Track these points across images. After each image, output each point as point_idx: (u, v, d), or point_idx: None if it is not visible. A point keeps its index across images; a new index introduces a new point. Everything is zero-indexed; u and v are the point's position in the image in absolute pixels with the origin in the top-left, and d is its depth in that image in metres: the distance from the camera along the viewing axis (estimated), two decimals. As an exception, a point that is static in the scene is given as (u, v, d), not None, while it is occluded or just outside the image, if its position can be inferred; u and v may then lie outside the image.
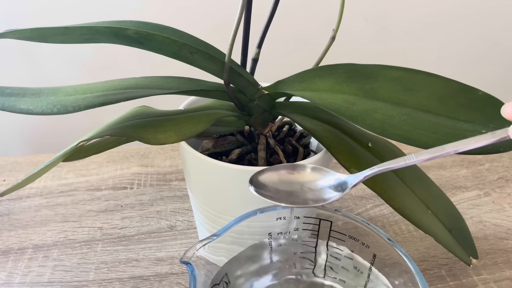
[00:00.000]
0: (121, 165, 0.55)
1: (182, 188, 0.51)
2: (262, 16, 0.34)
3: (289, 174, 0.27)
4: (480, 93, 0.28)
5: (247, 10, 0.33)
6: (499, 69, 0.79)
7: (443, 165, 0.56)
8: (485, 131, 0.27)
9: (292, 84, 0.34)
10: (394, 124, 0.28)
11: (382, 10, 0.70)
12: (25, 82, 0.41)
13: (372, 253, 0.29)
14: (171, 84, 0.34)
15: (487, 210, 0.48)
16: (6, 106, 0.29)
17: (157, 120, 0.31)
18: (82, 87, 0.32)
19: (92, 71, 0.66)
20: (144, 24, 0.33)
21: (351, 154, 0.32)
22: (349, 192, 0.50)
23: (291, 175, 0.27)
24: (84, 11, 0.61)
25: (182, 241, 0.44)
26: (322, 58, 0.36)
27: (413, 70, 0.31)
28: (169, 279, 0.39)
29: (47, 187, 0.51)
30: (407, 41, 0.73)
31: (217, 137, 0.39)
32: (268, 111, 0.36)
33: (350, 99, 0.30)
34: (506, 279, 0.40)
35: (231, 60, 0.31)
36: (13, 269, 0.40)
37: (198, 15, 0.64)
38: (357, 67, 0.32)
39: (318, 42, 0.39)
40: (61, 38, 0.29)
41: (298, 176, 0.27)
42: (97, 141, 0.33)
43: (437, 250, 0.42)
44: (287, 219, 0.31)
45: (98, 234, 0.44)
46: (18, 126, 0.70)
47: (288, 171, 0.27)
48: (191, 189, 0.38)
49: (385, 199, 0.31)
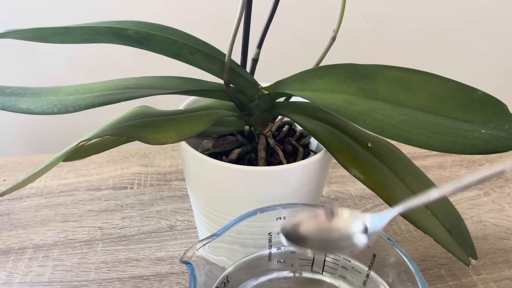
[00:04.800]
0: (121, 165, 0.55)
1: (182, 188, 0.51)
2: (262, 16, 0.34)
3: (327, 223, 0.25)
4: (480, 93, 0.28)
5: (247, 10, 0.34)
6: (499, 69, 0.79)
7: (443, 165, 0.56)
8: (485, 131, 0.27)
9: (292, 84, 0.34)
10: (393, 124, 0.28)
11: (382, 10, 0.70)
12: (25, 81, 0.41)
13: (371, 252, 0.29)
14: (171, 84, 0.34)
15: (486, 210, 0.48)
16: (6, 105, 0.29)
17: (157, 120, 0.31)
18: (82, 87, 0.32)
19: (92, 71, 0.66)
20: (144, 24, 0.33)
21: (350, 154, 0.32)
22: (349, 192, 0.50)
23: (329, 223, 0.25)
24: (84, 11, 0.61)
25: (182, 241, 0.44)
26: (322, 58, 0.36)
27: (413, 70, 0.31)
28: (169, 278, 0.39)
29: (47, 187, 0.51)
30: (407, 41, 0.73)
31: (217, 137, 0.39)
32: (268, 111, 0.36)
33: (349, 99, 0.30)
34: (505, 279, 0.40)
35: (231, 60, 0.31)
36: (13, 269, 0.40)
37: (198, 15, 0.64)
38: (357, 67, 0.32)
39: (318, 42, 0.39)
40: (61, 38, 0.29)
41: (335, 223, 0.25)
42: (97, 141, 0.33)
43: (437, 250, 0.42)
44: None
45: (98, 234, 0.44)
46: (18, 126, 0.70)
47: (325, 219, 0.25)
48: (191, 189, 0.38)
49: (384, 199, 0.31)
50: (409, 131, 0.28)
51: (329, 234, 0.25)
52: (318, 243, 0.25)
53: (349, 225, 0.24)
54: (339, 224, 0.25)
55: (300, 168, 0.33)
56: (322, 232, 0.25)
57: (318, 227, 0.25)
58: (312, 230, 0.25)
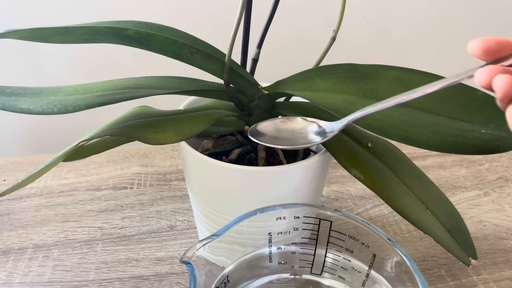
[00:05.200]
0: (121, 165, 0.55)
1: (182, 188, 0.51)
2: (262, 16, 0.34)
3: (282, 123, 0.30)
4: (480, 93, 0.28)
5: (247, 10, 0.34)
6: (499, 69, 0.78)
7: (443, 165, 0.56)
8: (485, 131, 0.27)
9: (292, 84, 0.34)
10: (394, 124, 0.28)
11: (382, 11, 0.70)
12: (25, 82, 0.41)
13: (372, 253, 0.29)
14: (171, 84, 0.34)
15: (486, 210, 0.48)
16: (6, 105, 0.29)
17: (157, 120, 0.31)
18: (82, 87, 0.32)
19: (92, 71, 0.66)
20: (144, 24, 0.33)
21: (351, 154, 0.32)
22: (349, 192, 0.50)
23: (284, 124, 0.30)
24: (84, 11, 0.61)
25: (182, 241, 0.44)
26: (322, 58, 0.36)
27: (413, 70, 0.31)
28: (169, 279, 0.39)
29: (47, 187, 0.51)
30: (406, 41, 0.73)
31: (217, 137, 0.39)
32: (268, 111, 0.36)
33: (350, 99, 0.30)
34: (505, 279, 0.40)
35: (231, 60, 0.31)
36: (13, 269, 0.40)
37: (198, 15, 0.64)
38: (357, 67, 0.32)
39: (318, 42, 0.39)
40: (61, 38, 0.29)
41: (290, 124, 0.30)
42: (97, 141, 0.33)
43: (437, 250, 0.42)
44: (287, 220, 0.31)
45: (98, 234, 0.44)
46: (18, 126, 0.70)
47: (281, 120, 0.30)
48: (191, 189, 0.38)
49: (384, 199, 0.31)
50: (409, 131, 0.28)
51: (285, 133, 0.29)
52: (275, 139, 0.29)
53: (304, 127, 0.29)
54: (293, 126, 0.29)
55: (300, 168, 0.33)
56: (279, 131, 0.29)
57: (276, 127, 0.30)
58: (271, 129, 0.29)
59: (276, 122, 0.30)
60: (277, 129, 0.29)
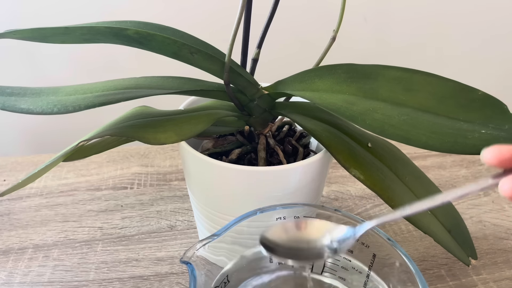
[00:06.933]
0: (121, 165, 0.55)
1: (182, 188, 0.51)
2: (262, 16, 0.34)
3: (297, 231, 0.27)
4: (480, 93, 0.28)
5: (247, 10, 0.34)
6: (499, 69, 0.79)
7: (443, 165, 0.56)
8: (485, 131, 0.27)
9: (292, 84, 0.34)
10: (393, 124, 0.28)
11: (382, 11, 0.70)
12: (25, 82, 0.41)
13: (372, 252, 0.30)
14: (171, 84, 0.34)
15: (486, 210, 0.48)
16: (6, 105, 0.29)
17: (157, 120, 0.31)
18: (82, 87, 0.32)
19: (92, 71, 0.66)
20: (144, 24, 0.33)
21: (350, 154, 0.32)
22: (349, 192, 0.50)
23: (299, 232, 0.27)
24: (84, 11, 0.61)
25: (182, 241, 0.44)
26: (322, 58, 0.36)
27: (413, 70, 0.31)
28: (169, 279, 0.39)
29: (47, 187, 0.51)
30: (406, 41, 0.73)
31: (217, 137, 0.39)
32: (268, 111, 0.36)
33: (349, 99, 0.30)
34: (505, 279, 0.40)
35: (231, 60, 0.31)
36: (13, 269, 0.40)
37: (198, 16, 0.64)
38: (356, 67, 0.32)
39: (318, 42, 0.39)
40: (61, 38, 0.29)
41: (305, 233, 0.27)
42: (97, 141, 0.33)
43: (437, 250, 0.42)
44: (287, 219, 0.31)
45: (98, 234, 0.44)
46: (18, 126, 0.70)
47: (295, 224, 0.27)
48: (191, 189, 0.38)
49: (384, 199, 0.31)
50: (409, 131, 0.28)
51: (298, 244, 0.26)
52: (289, 252, 0.26)
53: (318, 238, 0.26)
54: (309, 235, 0.26)
55: (300, 168, 0.33)
56: (292, 242, 0.26)
57: (289, 237, 0.26)
58: (284, 240, 0.26)
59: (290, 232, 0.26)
60: (291, 239, 0.26)
